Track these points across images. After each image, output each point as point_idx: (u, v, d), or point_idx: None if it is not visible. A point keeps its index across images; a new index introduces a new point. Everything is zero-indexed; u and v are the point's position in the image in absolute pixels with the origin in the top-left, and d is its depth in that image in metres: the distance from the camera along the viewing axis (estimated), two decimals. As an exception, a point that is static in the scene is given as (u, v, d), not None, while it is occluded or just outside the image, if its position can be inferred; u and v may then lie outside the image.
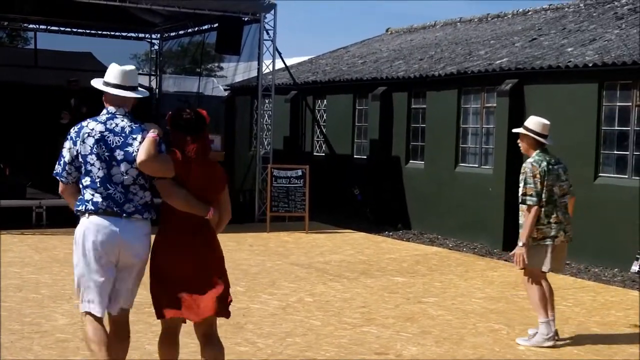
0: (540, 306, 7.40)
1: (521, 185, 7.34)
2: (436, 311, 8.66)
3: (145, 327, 7.20)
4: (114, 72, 5.32)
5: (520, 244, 7.28)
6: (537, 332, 7.45)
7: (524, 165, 7.44)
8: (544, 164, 7.32)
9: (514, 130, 7.93)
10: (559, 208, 7.39)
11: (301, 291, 9.47)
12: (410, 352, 7.06)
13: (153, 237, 5.24)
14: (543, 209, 7.27)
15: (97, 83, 5.39)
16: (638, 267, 7.77)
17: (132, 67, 5.43)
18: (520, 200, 7.37)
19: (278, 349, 6.99)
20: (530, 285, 7.47)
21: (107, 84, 5.30)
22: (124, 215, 5.09)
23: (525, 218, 7.31)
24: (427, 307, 8.83)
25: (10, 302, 8.31)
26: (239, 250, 12.40)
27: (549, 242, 7.33)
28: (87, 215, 5.12)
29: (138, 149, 5.05)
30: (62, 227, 13.12)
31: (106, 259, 5.10)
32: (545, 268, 7.40)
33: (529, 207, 7.25)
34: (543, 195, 7.26)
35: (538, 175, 7.26)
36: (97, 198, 5.09)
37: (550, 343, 7.33)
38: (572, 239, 7.58)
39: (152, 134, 5.05)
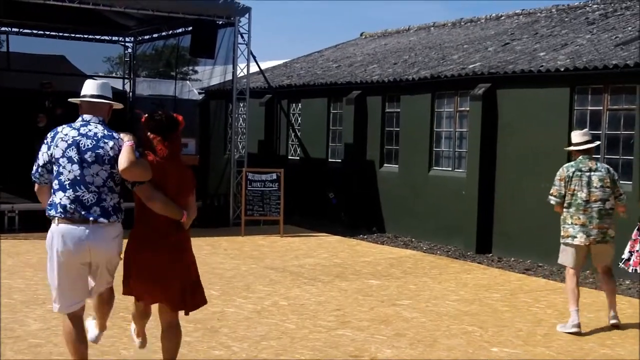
0: (569, 296, 8.19)
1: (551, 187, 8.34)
2: (410, 314, 8.71)
3: (119, 331, 7.18)
4: (87, 85, 5.63)
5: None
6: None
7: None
8: (572, 169, 8.22)
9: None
10: (583, 212, 8.11)
11: (276, 295, 9.48)
12: (385, 354, 7.09)
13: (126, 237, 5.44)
14: (567, 211, 8.18)
15: (75, 100, 5.71)
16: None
17: (104, 80, 5.92)
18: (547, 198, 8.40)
19: (253, 352, 6.99)
20: (566, 276, 8.37)
21: (82, 96, 5.60)
22: (91, 219, 5.30)
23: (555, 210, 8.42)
24: (401, 310, 8.88)
25: (-17, 307, 8.25)
26: (214, 254, 12.38)
27: (569, 240, 8.18)
28: (56, 221, 5.35)
29: (109, 153, 5.36)
30: (35, 231, 13.02)
31: (77, 262, 5.36)
32: (569, 264, 8.22)
33: (553, 206, 8.32)
34: (567, 198, 8.17)
35: (563, 180, 8.22)
36: (65, 201, 5.31)
37: (574, 329, 7.97)
38: (603, 242, 8.16)
39: (128, 143, 5.32)
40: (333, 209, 17.07)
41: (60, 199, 5.32)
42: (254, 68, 17.33)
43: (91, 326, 5.89)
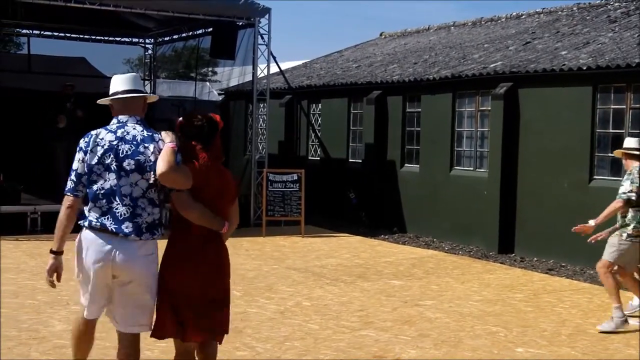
0: (615, 293, 8.09)
1: (627, 184, 8.18)
2: (434, 314, 8.68)
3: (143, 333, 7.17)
4: (115, 81, 5.11)
5: (592, 223, 8.31)
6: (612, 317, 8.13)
7: (630, 169, 8.29)
8: None
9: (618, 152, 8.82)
10: None
11: (298, 295, 9.48)
12: (409, 355, 7.07)
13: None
14: None
15: (104, 101, 5.21)
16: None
17: (132, 73, 5.24)
18: (624, 197, 8.14)
19: (277, 353, 6.99)
20: (605, 275, 8.19)
21: (113, 94, 5.09)
22: (120, 235, 4.84)
23: (613, 208, 8.20)
24: (424, 310, 8.84)
25: (7, 308, 8.28)
26: (235, 254, 12.35)
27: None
28: (84, 228, 4.96)
29: (150, 159, 4.86)
30: (58, 232, 13.07)
31: (99, 275, 4.93)
32: (627, 267, 8.26)
33: (624, 201, 8.12)
34: None
35: None
36: (96, 213, 4.87)
37: (626, 324, 8.07)
38: None
39: (170, 144, 4.83)
40: (354, 209, 17.05)
41: (91, 210, 4.89)
42: (274, 68, 17.34)
43: None
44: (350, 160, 18.01)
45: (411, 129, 16.19)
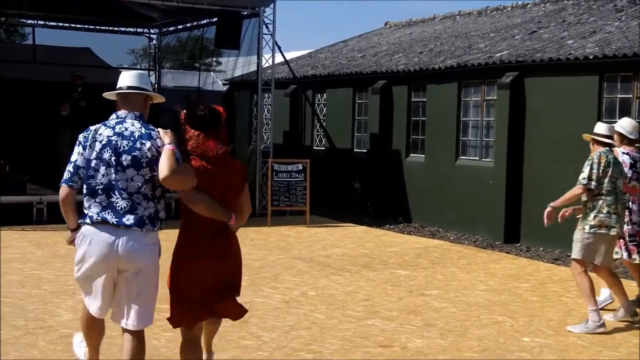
0: (590, 295, 7.65)
1: (587, 170, 7.67)
2: (440, 303, 8.67)
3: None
4: (122, 77, 5.22)
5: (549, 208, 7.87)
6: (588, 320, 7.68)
7: (592, 155, 7.80)
8: (611, 156, 7.77)
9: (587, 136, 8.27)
10: (620, 202, 7.76)
11: (304, 285, 9.48)
12: (415, 344, 7.07)
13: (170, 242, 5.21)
14: (606, 199, 7.66)
15: (109, 95, 5.34)
16: None
17: (141, 71, 5.36)
18: (583, 182, 7.68)
19: (283, 342, 6.99)
20: (579, 275, 7.77)
21: (117, 89, 5.19)
22: (122, 226, 4.89)
23: (572, 194, 7.76)
24: (430, 300, 8.84)
25: (14, 298, 8.31)
26: (241, 244, 12.29)
27: (603, 231, 7.66)
28: (86, 224, 5.00)
29: (147, 155, 4.92)
30: (63, 222, 13.06)
31: (104, 269, 4.97)
32: (597, 261, 7.79)
33: (584, 187, 7.66)
34: (605, 185, 7.64)
35: (603, 164, 7.66)
36: (96, 208, 4.92)
37: (602, 329, 7.56)
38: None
39: (169, 147, 4.89)
40: (359, 199, 17.04)
41: (90, 206, 4.94)
42: (278, 58, 17.31)
43: None
44: (355, 150, 17.98)
45: (416, 119, 16.15)
